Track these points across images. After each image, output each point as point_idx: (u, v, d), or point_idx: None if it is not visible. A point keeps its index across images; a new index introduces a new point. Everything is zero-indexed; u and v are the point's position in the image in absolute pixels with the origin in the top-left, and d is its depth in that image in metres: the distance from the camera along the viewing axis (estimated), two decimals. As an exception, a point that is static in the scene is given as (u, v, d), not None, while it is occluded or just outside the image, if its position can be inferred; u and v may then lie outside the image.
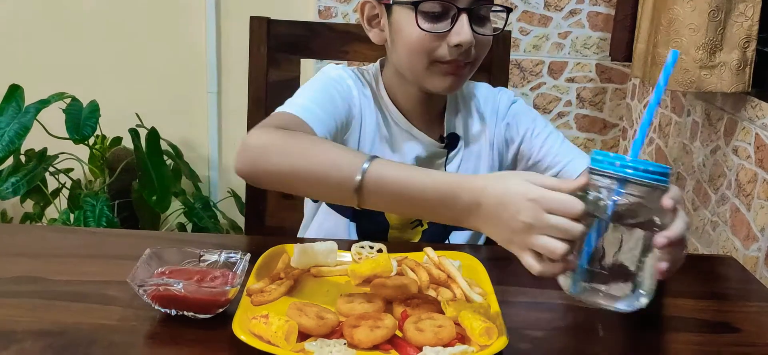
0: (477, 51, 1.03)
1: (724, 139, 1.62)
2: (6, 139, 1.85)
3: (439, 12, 1.00)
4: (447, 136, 1.15)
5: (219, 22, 2.28)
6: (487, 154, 1.18)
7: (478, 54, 1.04)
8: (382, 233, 1.13)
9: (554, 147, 1.15)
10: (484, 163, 1.17)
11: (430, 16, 1.00)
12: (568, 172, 1.12)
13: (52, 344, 0.76)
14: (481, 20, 1.02)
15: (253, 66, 1.36)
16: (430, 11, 1.00)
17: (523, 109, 1.20)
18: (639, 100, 2.19)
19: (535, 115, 1.19)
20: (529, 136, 1.17)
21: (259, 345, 0.74)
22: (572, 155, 1.14)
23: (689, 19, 1.52)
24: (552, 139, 1.16)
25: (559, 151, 1.14)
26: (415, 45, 1.02)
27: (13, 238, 1.11)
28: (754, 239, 1.47)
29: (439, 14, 1.00)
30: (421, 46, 1.02)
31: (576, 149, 1.16)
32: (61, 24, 2.25)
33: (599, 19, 2.22)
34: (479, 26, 1.02)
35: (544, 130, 1.17)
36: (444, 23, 1.00)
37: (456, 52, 1.01)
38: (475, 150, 1.17)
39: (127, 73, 2.30)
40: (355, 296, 0.86)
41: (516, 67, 2.25)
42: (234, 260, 0.89)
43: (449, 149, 1.15)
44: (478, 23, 1.02)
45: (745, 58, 1.50)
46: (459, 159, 1.16)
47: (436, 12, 1.00)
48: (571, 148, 1.16)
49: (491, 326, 0.77)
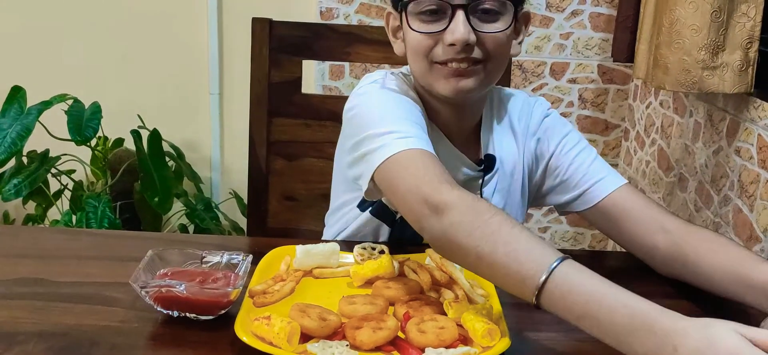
0: (486, 50, 0.97)
1: (727, 140, 1.62)
2: (8, 140, 1.85)
3: (434, 11, 0.95)
4: (484, 158, 1.10)
5: (221, 24, 2.28)
6: (520, 173, 1.13)
7: (489, 53, 0.97)
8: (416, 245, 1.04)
9: (584, 165, 1.10)
10: (517, 182, 1.13)
11: (426, 17, 0.96)
12: (596, 191, 1.07)
13: (54, 346, 0.76)
14: (485, 15, 0.96)
15: (255, 67, 1.36)
16: (426, 10, 0.96)
17: (555, 122, 1.14)
18: (641, 102, 2.18)
19: (567, 129, 1.14)
20: (559, 151, 1.12)
21: (262, 347, 0.74)
22: (603, 174, 1.08)
23: (691, 20, 1.52)
24: (583, 155, 1.11)
25: (588, 170, 1.09)
26: (413, 47, 0.99)
27: (15, 239, 1.11)
28: (756, 240, 1.47)
29: (435, 14, 0.96)
30: (419, 48, 0.98)
31: (607, 168, 1.10)
32: (63, 26, 2.26)
33: (601, 20, 2.22)
34: (483, 22, 0.96)
35: (576, 146, 1.11)
36: (441, 22, 0.96)
37: (452, 51, 0.95)
38: (508, 170, 1.12)
39: (129, 75, 2.30)
40: (358, 297, 0.86)
41: (518, 68, 2.25)
42: (236, 261, 0.89)
43: (486, 172, 1.10)
44: (482, 19, 0.96)
45: (747, 58, 1.50)
46: (495, 181, 1.11)
47: (431, 11, 0.95)
48: (602, 166, 1.10)
49: (493, 327, 0.77)
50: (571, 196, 1.10)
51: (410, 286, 0.89)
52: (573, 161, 1.10)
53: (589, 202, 1.08)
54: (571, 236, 2.42)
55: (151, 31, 2.28)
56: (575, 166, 1.10)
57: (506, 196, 1.12)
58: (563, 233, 2.41)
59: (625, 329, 0.70)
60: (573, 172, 1.10)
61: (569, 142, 1.12)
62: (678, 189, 1.88)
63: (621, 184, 1.07)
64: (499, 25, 0.97)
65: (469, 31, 0.94)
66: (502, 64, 1.02)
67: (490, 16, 0.96)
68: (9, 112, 1.91)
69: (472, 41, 0.95)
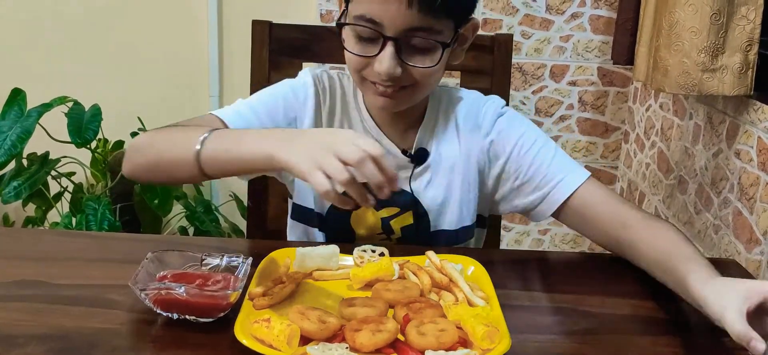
0: (413, 80, 0.99)
1: (727, 142, 1.62)
2: (8, 143, 1.85)
3: (369, 36, 0.97)
4: (415, 151, 1.11)
5: (221, 26, 2.28)
6: (462, 171, 1.12)
7: (417, 82, 1.00)
8: (349, 243, 1.07)
9: (544, 165, 1.08)
10: (459, 180, 1.12)
11: (361, 39, 0.98)
12: (558, 192, 1.07)
13: (54, 348, 0.76)
14: (415, 50, 0.97)
15: (254, 70, 1.36)
16: (361, 33, 0.97)
17: (509, 123, 1.12)
18: (641, 104, 2.18)
19: (523, 129, 1.12)
20: (516, 154, 1.10)
21: (261, 349, 0.74)
22: (564, 172, 1.08)
23: (691, 23, 1.52)
24: (542, 154, 1.09)
25: (548, 170, 1.08)
26: (349, 62, 1.02)
27: (15, 242, 1.11)
28: (756, 243, 1.47)
29: (368, 39, 0.97)
30: (352, 65, 1.01)
31: (568, 163, 1.09)
32: (63, 28, 2.26)
33: (601, 23, 2.22)
34: (412, 56, 0.97)
35: (533, 146, 1.10)
36: (373, 47, 0.97)
37: (379, 78, 0.98)
38: (448, 166, 1.12)
39: (129, 77, 2.31)
40: (357, 299, 0.86)
41: (518, 71, 2.25)
42: (236, 263, 0.89)
43: (416, 164, 1.11)
44: (412, 53, 0.97)
45: (747, 61, 1.50)
46: (428, 176, 1.12)
47: (366, 35, 0.97)
48: (563, 163, 1.09)
49: (493, 329, 0.77)
50: (533, 198, 1.10)
51: (410, 288, 0.89)
52: (533, 162, 1.09)
53: (552, 205, 1.08)
54: (571, 239, 2.42)
55: (151, 33, 2.28)
56: (535, 167, 1.09)
57: (446, 192, 1.12)
58: (563, 235, 2.41)
59: (261, 166, 0.88)
60: (533, 174, 1.09)
61: (526, 142, 1.10)
62: (678, 191, 1.88)
63: (582, 181, 1.07)
64: (428, 61, 0.98)
65: (395, 66, 0.96)
66: (432, 87, 1.06)
67: (421, 50, 0.98)
68: (9, 114, 1.91)
69: (397, 74, 0.97)
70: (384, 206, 1.11)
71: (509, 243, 2.42)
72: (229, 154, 0.90)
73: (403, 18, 0.93)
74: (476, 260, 0.97)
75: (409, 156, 1.10)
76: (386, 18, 0.94)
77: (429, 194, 1.12)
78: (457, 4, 0.98)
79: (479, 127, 1.12)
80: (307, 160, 0.80)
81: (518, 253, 1.70)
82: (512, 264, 0.88)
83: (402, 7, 0.92)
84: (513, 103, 2.27)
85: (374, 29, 0.95)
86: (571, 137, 2.33)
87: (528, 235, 2.42)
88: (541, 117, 2.30)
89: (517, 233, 2.42)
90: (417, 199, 1.11)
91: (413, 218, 1.12)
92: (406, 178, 1.11)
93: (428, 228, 1.13)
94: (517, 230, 2.41)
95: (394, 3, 0.93)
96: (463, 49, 1.07)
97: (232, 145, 0.90)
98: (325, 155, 0.80)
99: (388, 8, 0.93)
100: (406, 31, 0.95)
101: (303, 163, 0.80)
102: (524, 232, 2.41)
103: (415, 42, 0.97)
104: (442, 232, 1.13)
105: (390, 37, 0.95)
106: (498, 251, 1.39)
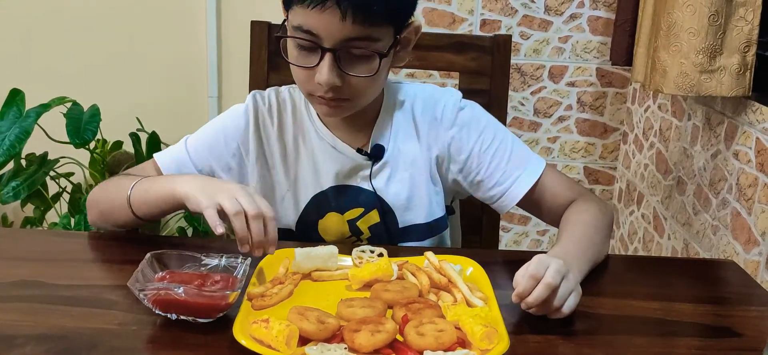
0: (353, 90, 0.99)
1: (725, 143, 1.62)
2: (7, 143, 1.85)
3: (308, 47, 0.97)
4: (372, 148, 1.11)
5: (220, 27, 2.28)
6: (423, 164, 1.12)
7: (356, 91, 1.00)
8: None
9: (504, 161, 1.10)
10: (421, 173, 1.12)
11: (301, 51, 0.99)
12: (517, 188, 1.09)
13: (53, 349, 0.76)
14: (354, 59, 0.98)
15: (253, 71, 1.36)
16: (301, 44, 0.98)
17: (470, 119, 1.12)
18: (639, 105, 2.19)
19: (483, 125, 1.12)
20: (477, 150, 1.11)
21: (260, 350, 0.74)
22: (522, 167, 1.10)
23: (689, 24, 1.52)
24: (501, 150, 1.11)
25: (508, 166, 1.10)
26: (293, 72, 1.03)
27: (13, 242, 1.11)
28: (755, 243, 1.47)
29: (308, 50, 0.98)
30: (295, 76, 1.02)
31: (526, 156, 1.12)
32: (62, 28, 2.26)
33: (599, 24, 2.22)
34: (351, 66, 0.98)
35: (492, 142, 1.11)
36: (314, 57, 0.97)
37: (321, 89, 0.98)
38: (408, 160, 1.12)
39: (127, 78, 2.30)
40: (356, 300, 0.86)
41: (516, 72, 2.25)
42: (235, 264, 0.89)
43: (374, 161, 1.11)
44: (351, 62, 0.97)
45: (745, 62, 1.50)
46: (388, 172, 1.12)
47: (305, 46, 0.97)
48: (521, 157, 1.11)
49: (492, 330, 0.77)
50: (493, 194, 1.12)
51: (409, 289, 0.89)
52: (491, 161, 1.11)
53: (512, 200, 1.11)
54: (570, 239, 2.41)
55: (150, 34, 2.28)
56: (492, 166, 1.11)
57: (409, 187, 1.12)
58: (562, 236, 2.41)
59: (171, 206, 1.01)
60: (490, 173, 1.11)
61: (486, 138, 1.11)
62: (676, 192, 1.89)
63: (539, 174, 1.10)
64: (365, 69, 0.98)
65: (334, 77, 0.97)
66: (374, 93, 1.06)
67: (360, 59, 0.98)
68: (8, 114, 1.91)
69: (337, 85, 0.98)
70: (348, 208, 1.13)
71: (508, 244, 2.42)
72: (147, 195, 1.02)
73: (340, 30, 0.94)
74: (475, 260, 0.97)
75: (365, 154, 1.10)
76: (323, 30, 0.94)
77: (391, 189, 1.12)
78: (393, 11, 0.98)
79: (438, 121, 1.12)
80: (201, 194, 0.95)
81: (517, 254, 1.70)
82: (511, 265, 0.88)
83: (336, 19, 0.93)
84: (511, 105, 2.27)
85: (312, 41, 0.96)
86: (570, 138, 2.33)
87: (526, 235, 2.42)
88: (540, 118, 2.31)
89: (515, 234, 2.42)
90: (380, 196, 1.12)
91: (379, 216, 1.13)
92: (366, 176, 1.12)
93: (396, 224, 1.13)
94: (516, 231, 2.41)
95: (329, 16, 0.93)
96: (408, 51, 1.07)
97: (149, 187, 1.02)
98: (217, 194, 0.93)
99: (324, 20, 0.93)
100: (343, 41, 0.95)
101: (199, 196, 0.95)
102: (523, 232, 2.42)
103: (354, 51, 0.97)
104: (413, 227, 1.14)
105: (328, 48, 0.95)
106: (496, 252, 1.39)
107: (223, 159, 1.12)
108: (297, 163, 1.13)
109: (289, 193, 1.14)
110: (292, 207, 1.14)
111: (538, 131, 2.32)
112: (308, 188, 1.13)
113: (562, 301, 0.85)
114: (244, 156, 1.13)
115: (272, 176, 1.14)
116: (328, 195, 1.13)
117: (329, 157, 1.11)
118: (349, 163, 1.11)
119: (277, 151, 1.13)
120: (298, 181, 1.14)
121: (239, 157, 1.13)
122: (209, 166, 1.12)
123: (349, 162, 1.11)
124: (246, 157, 1.13)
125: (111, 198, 1.07)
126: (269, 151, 1.13)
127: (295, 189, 1.14)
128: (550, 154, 2.34)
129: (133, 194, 1.03)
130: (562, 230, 1.06)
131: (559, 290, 0.84)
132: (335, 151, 1.11)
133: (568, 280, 0.86)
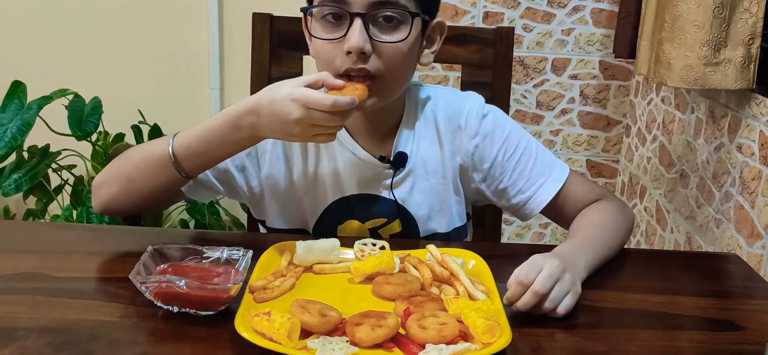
0: (383, 61, 0.97)
1: (728, 136, 1.61)
2: (8, 135, 1.85)
3: (335, 19, 0.96)
4: (394, 156, 1.08)
5: (221, 19, 2.27)
6: (446, 173, 1.11)
7: (386, 65, 0.98)
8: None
9: (528, 168, 1.09)
10: (444, 182, 1.11)
11: (327, 24, 0.97)
12: (535, 201, 1.09)
13: (54, 341, 0.76)
14: (385, 24, 0.96)
15: (255, 62, 1.36)
16: (327, 16, 0.96)
17: (493, 127, 1.11)
18: (643, 98, 2.18)
19: (507, 132, 1.11)
20: (501, 158, 1.10)
21: (262, 342, 0.74)
22: (546, 174, 1.10)
23: (693, 16, 1.51)
24: (524, 160, 1.10)
25: (532, 173, 1.09)
26: (317, 55, 1.01)
27: (15, 234, 1.11)
28: (758, 237, 1.47)
29: (335, 22, 0.96)
30: (322, 56, 1.00)
31: (550, 163, 1.11)
32: (64, 20, 2.25)
33: (603, 16, 2.21)
34: (382, 32, 0.96)
35: (515, 152, 1.10)
36: (341, 29, 0.96)
37: (350, 60, 0.96)
38: (430, 169, 1.10)
39: (129, 70, 2.30)
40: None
41: (519, 64, 2.24)
42: (236, 257, 0.89)
43: (396, 170, 1.09)
44: (381, 28, 0.96)
45: (749, 55, 1.50)
46: (411, 180, 1.10)
47: (333, 16, 0.96)
48: (545, 163, 1.11)
49: (494, 323, 0.77)
50: (517, 201, 1.11)
51: (411, 282, 0.89)
52: (515, 168, 1.10)
53: (536, 208, 1.10)
54: (572, 232, 2.41)
55: (151, 25, 2.27)
56: (516, 173, 1.10)
57: (431, 197, 1.11)
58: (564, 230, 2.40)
59: (229, 132, 0.95)
60: (517, 178, 1.10)
61: (510, 146, 1.10)
62: (680, 185, 1.88)
63: (563, 181, 1.09)
64: (398, 35, 0.97)
65: (365, 40, 0.95)
66: (403, 76, 1.03)
67: (390, 24, 0.97)
68: (9, 107, 1.91)
69: (368, 51, 0.96)
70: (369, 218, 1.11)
71: (510, 237, 2.42)
72: (197, 132, 0.97)
73: None
74: (477, 253, 0.97)
75: (388, 162, 1.08)
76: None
77: (414, 199, 1.10)
78: None
79: (462, 129, 1.10)
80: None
81: (519, 247, 1.70)
82: (513, 258, 0.88)
83: None
84: (514, 97, 2.27)
85: (340, 7, 0.95)
86: (573, 131, 2.32)
87: (529, 228, 2.42)
88: (543, 111, 2.30)
89: (518, 227, 2.41)
90: (402, 206, 1.10)
91: (401, 226, 1.11)
92: (387, 186, 1.09)
93: (418, 234, 1.12)
94: (519, 224, 2.41)
95: None
96: (433, 51, 1.07)
97: (200, 127, 0.97)
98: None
99: None
100: (371, 4, 0.95)
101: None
102: (525, 226, 2.41)
103: (382, 17, 0.96)
104: (435, 236, 1.13)
105: (356, 13, 0.95)
106: (499, 245, 1.39)
107: (238, 157, 1.07)
108: (318, 167, 1.10)
109: (308, 196, 1.11)
110: (310, 210, 1.12)
111: (541, 124, 2.31)
112: (328, 194, 1.10)
113: (554, 303, 0.84)
114: (258, 155, 1.10)
115: (293, 176, 1.11)
116: (350, 203, 1.10)
117: (351, 164, 1.08)
118: (370, 170, 1.09)
119: (298, 153, 1.10)
120: (317, 185, 1.10)
121: (254, 155, 1.09)
122: (224, 164, 1.08)
123: (371, 170, 1.09)
124: (260, 157, 1.10)
125: (140, 160, 1.01)
126: (290, 150, 1.10)
127: (314, 193, 1.11)
128: (552, 147, 2.33)
129: (176, 146, 0.97)
130: (574, 227, 1.06)
131: (552, 293, 0.84)
132: (357, 159, 1.08)
133: (562, 282, 0.85)
